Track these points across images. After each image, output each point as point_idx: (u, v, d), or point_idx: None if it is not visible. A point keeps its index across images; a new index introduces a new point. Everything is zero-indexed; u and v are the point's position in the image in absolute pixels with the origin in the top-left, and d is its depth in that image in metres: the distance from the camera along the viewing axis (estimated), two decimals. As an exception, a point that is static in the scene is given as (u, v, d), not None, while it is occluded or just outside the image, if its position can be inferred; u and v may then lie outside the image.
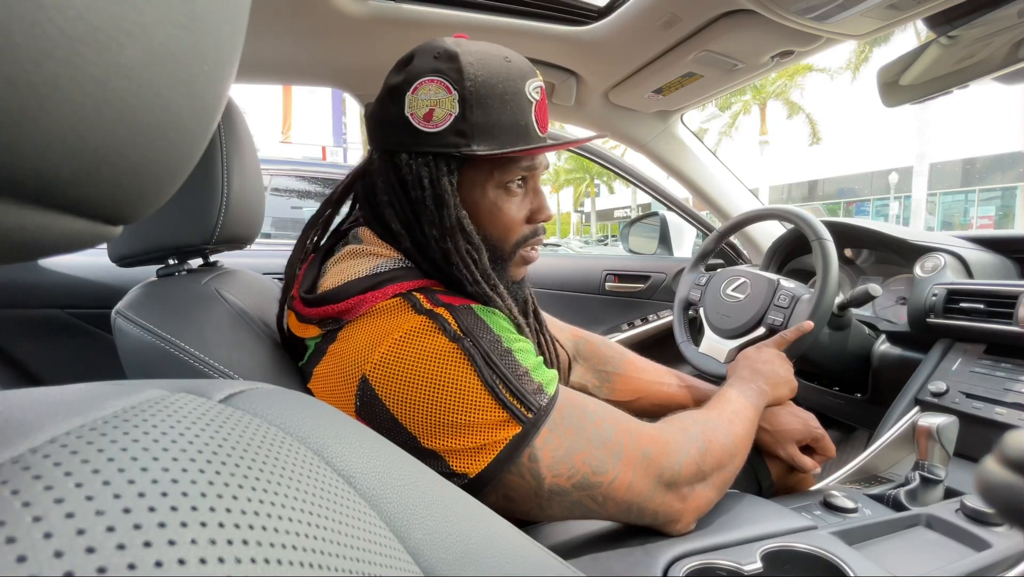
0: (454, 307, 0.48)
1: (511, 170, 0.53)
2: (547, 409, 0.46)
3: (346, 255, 0.54)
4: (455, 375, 0.44)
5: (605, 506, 0.48)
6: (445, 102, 0.49)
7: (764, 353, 0.78)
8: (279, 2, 0.89)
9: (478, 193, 0.54)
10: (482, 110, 0.50)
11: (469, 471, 0.44)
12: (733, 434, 0.58)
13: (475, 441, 0.44)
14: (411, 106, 0.50)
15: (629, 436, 0.49)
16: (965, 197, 16.93)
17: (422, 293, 0.49)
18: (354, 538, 0.19)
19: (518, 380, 0.45)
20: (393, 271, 0.51)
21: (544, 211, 0.57)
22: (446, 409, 0.44)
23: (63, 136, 0.11)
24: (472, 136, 0.50)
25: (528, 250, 0.59)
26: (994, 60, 0.73)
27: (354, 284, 0.49)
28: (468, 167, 0.53)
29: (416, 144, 0.51)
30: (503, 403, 0.44)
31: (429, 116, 0.50)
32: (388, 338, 0.46)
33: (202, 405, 0.19)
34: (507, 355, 0.46)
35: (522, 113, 0.51)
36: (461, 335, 0.45)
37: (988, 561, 0.52)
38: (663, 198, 1.64)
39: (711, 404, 0.64)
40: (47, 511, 0.12)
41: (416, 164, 0.51)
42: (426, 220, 0.52)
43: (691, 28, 0.97)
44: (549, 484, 0.45)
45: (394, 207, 0.53)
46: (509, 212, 0.55)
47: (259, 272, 0.75)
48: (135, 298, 0.59)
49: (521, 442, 0.44)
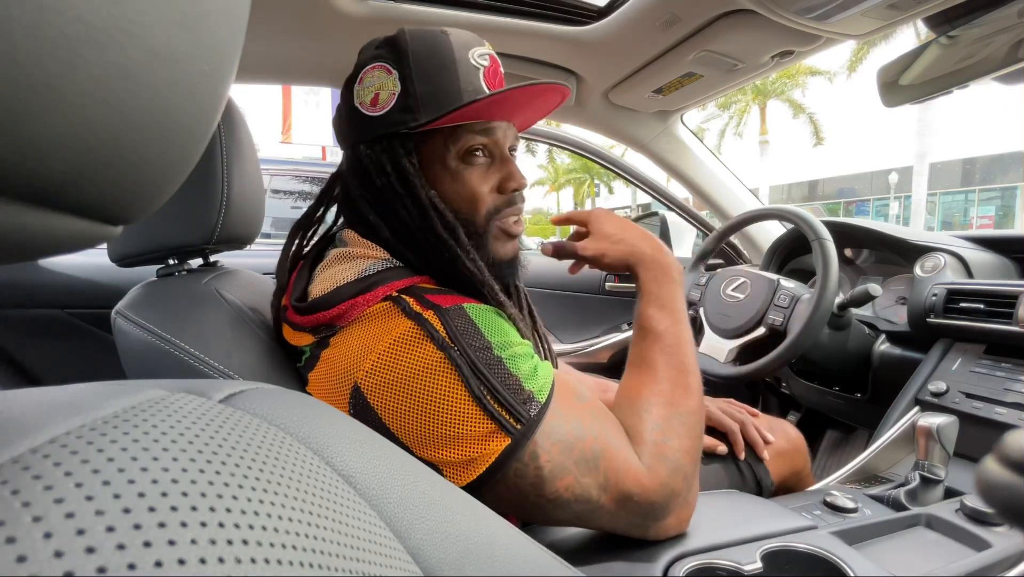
0: (443, 309, 0.46)
1: (464, 138, 0.52)
2: (537, 419, 0.44)
3: (333, 259, 0.53)
4: (442, 386, 0.43)
5: (590, 524, 0.49)
6: (387, 83, 0.50)
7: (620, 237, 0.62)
8: (279, 2, 0.89)
9: (439, 168, 0.53)
10: (423, 83, 0.50)
11: (459, 482, 0.43)
12: (698, 421, 0.53)
13: (464, 454, 0.43)
14: (359, 96, 0.52)
15: (615, 473, 0.46)
16: (965, 197, 16.93)
17: (411, 295, 0.48)
18: (354, 538, 0.19)
19: (507, 390, 0.44)
20: (381, 273, 0.50)
21: (513, 179, 0.55)
22: (435, 421, 0.43)
23: (63, 136, 0.11)
24: (417, 110, 0.50)
25: (506, 221, 0.55)
26: (994, 60, 0.73)
27: (344, 289, 0.49)
28: (425, 145, 0.53)
29: (369, 131, 0.52)
30: (491, 414, 0.43)
31: (375, 101, 0.51)
32: (378, 345, 0.45)
33: (202, 405, 0.19)
34: (497, 364, 0.45)
35: (467, 80, 0.51)
36: (449, 343, 0.44)
37: (988, 561, 0.52)
38: (663, 198, 1.64)
39: (671, 379, 0.54)
40: (47, 511, 0.12)
41: (374, 152, 0.52)
42: (399, 205, 0.52)
43: (691, 28, 0.97)
44: (534, 500, 0.45)
45: (366, 199, 0.53)
46: (471, 183, 0.53)
47: (259, 272, 0.75)
48: (135, 298, 0.59)
49: (511, 455, 0.43)
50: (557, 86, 0.53)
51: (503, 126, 0.55)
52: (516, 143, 0.58)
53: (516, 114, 0.56)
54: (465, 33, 0.54)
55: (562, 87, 0.53)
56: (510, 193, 0.55)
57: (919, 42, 0.86)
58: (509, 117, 0.55)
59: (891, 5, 0.81)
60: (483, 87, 0.52)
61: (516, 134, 0.57)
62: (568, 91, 0.55)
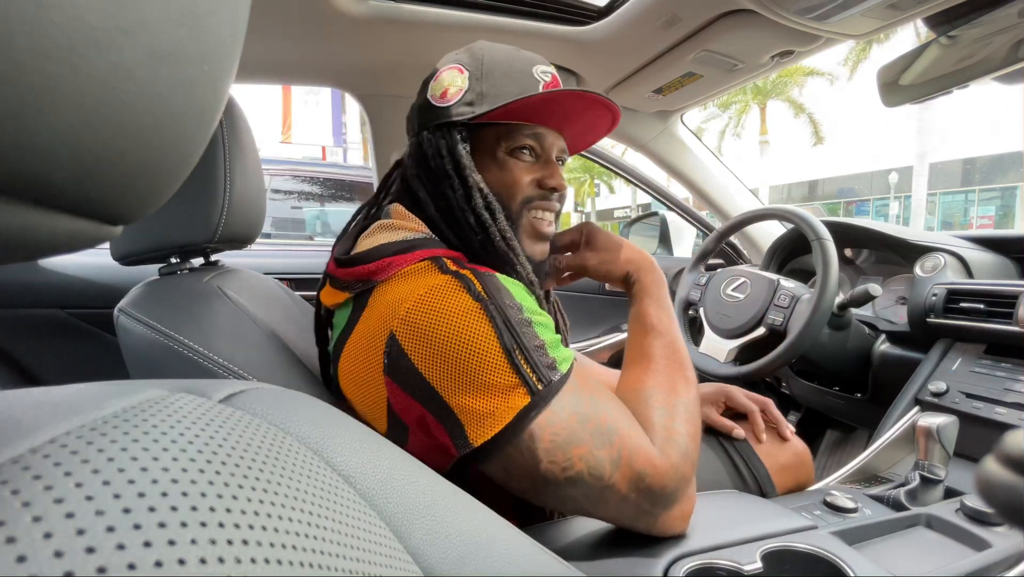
0: (479, 272, 0.49)
1: (516, 136, 0.58)
2: (558, 385, 0.46)
3: (377, 228, 0.56)
4: (476, 332, 0.45)
5: (596, 509, 0.48)
6: (457, 80, 0.57)
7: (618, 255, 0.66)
8: (279, 2, 0.89)
9: (488, 159, 0.58)
10: (488, 82, 0.56)
11: (475, 440, 0.44)
12: (697, 413, 0.55)
13: (487, 405, 0.44)
14: (432, 90, 0.58)
15: (628, 452, 0.47)
16: (965, 197, 16.92)
17: (450, 259, 0.51)
18: (354, 538, 0.19)
19: (535, 350, 0.46)
20: (422, 240, 0.54)
21: (553, 178, 0.59)
22: (465, 364, 0.44)
23: (63, 136, 0.11)
24: (478, 104, 0.56)
25: (538, 216, 0.60)
26: (994, 60, 0.73)
27: (386, 247, 0.52)
28: (480, 137, 0.58)
29: (433, 119, 0.58)
30: (517, 368, 0.44)
31: (444, 94, 0.57)
32: (415, 293, 0.47)
33: (202, 405, 0.19)
34: (526, 325, 0.47)
35: (528, 88, 0.56)
36: (485, 297, 0.47)
37: (988, 561, 0.52)
38: (663, 198, 1.64)
39: (674, 376, 0.56)
40: (47, 511, 0.12)
41: (435, 137, 0.57)
42: (447, 185, 0.56)
43: (691, 28, 0.97)
44: (544, 468, 0.45)
45: (420, 178, 0.58)
46: (515, 172, 0.58)
47: (260, 272, 0.75)
48: (138, 296, 0.60)
49: (528, 414, 0.44)
50: (607, 101, 0.57)
51: (552, 135, 0.60)
52: (564, 156, 0.63)
53: (565, 126, 0.60)
54: (532, 54, 0.60)
55: (612, 105, 0.58)
56: (547, 189, 0.59)
57: (919, 42, 0.86)
58: (559, 125, 0.60)
59: (891, 5, 0.81)
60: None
61: (564, 147, 0.62)
62: (619, 113, 0.60)
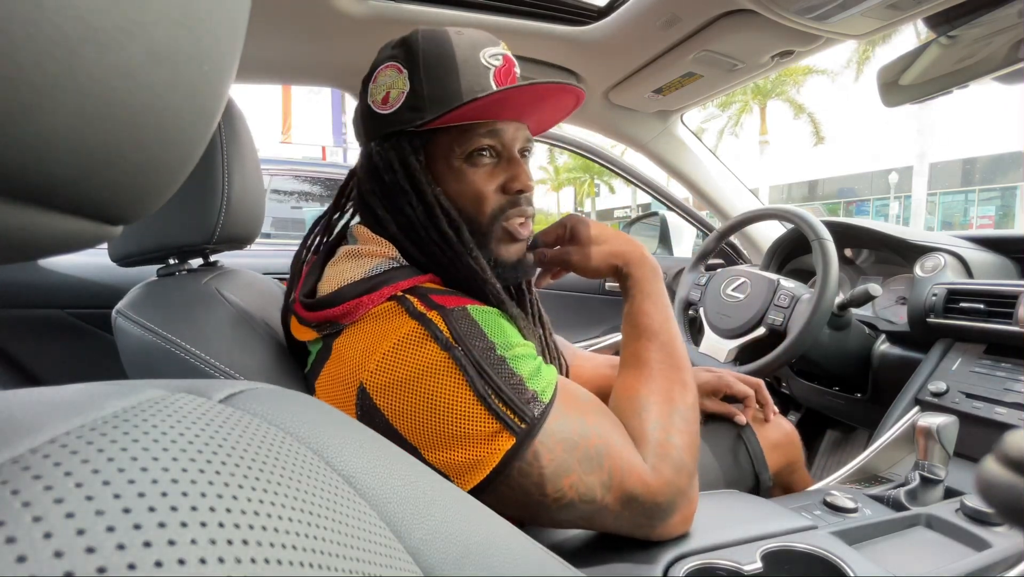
0: (446, 310, 0.47)
1: (471, 139, 0.52)
2: (541, 418, 0.44)
3: (342, 257, 0.54)
4: (446, 386, 0.43)
5: (593, 526, 0.48)
6: (398, 82, 0.52)
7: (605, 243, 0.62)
8: (279, 2, 0.89)
9: (444, 167, 0.53)
10: (431, 83, 0.50)
11: (466, 486, 0.43)
12: (695, 417, 0.54)
13: (470, 455, 0.43)
14: (372, 95, 0.54)
15: (620, 472, 0.46)
16: (965, 197, 16.92)
17: (415, 295, 0.48)
18: (354, 538, 0.19)
19: (511, 389, 0.44)
20: (387, 272, 0.51)
21: (518, 180, 0.54)
22: (441, 422, 0.43)
23: (63, 136, 0.11)
24: (423, 109, 0.51)
25: (512, 223, 0.55)
26: (994, 60, 0.73)
27: (350, 288, 0.49)
28: (432, 143, 0.53)
29: (379, 128, 0.53)
30: (496, 413, 0.43)
31: (386, 99, 0.52)
32: (382, 345, 0.46)
33: (202, 405, 0.19)
34: (500, 364, 0.45)
35: (474, 80, 0.51)
36: (453, 343, 0.45)
37: (988, 561, 0.52)
38: (663, 198, 1.64)
39: (668, 377, 0.55)
40: (47, 511, 0.12)
41: (384, 149, 0.53)
42: (404, 202, 0.52)
43: (691, 28, 0.97)
44: (536, 499, 0.45)
45: (376, 194, 0.54)
46: (476, 182, 0.53)
47: (259, 272, 0.75)
48: (135, 297, 0.60)
49: (515, 454, 0.43)
50: (568, 86, 0.52)
51: (512, 127, 0.54)
52: (529, 145, 0.57)
53: (525, 115, 0.55)
54: (479, 33, 0.54)
55: (574, 88, 0.52)
56: (514, 194, 0.54)
57: (919, 42, 0.86)
58: (518, 117, 0.54)
59: (891, 5, 0.81)
60: (491, 87, 0.51)
61: (528, 136, 0.57)
62: (582, 93, 0.54)
